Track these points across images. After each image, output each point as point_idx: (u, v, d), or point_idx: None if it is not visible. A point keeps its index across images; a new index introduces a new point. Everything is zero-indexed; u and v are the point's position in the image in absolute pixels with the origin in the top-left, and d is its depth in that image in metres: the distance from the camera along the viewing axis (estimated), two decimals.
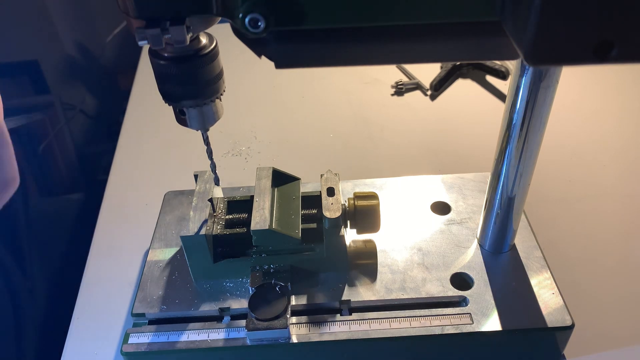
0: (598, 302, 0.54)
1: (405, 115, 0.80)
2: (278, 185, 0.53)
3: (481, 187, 0.60)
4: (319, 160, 0.72)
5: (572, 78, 0.83)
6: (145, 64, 0.93)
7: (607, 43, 0.26)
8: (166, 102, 0.40)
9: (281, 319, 0.45)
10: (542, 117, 0.42)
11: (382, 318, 0.47)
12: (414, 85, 0.84)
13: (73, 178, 1.07)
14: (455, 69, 0.85)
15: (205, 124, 0.42)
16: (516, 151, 0.45)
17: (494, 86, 0.84)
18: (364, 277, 0.51)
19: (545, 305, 0.47)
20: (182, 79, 0.38)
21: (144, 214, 0.65)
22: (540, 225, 0.58)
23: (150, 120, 0.81)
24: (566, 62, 0.28)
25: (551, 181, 0.67)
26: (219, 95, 0.41)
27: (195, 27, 0.34)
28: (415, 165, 0.71)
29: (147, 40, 0.33)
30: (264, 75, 0.88)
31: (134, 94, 0.88)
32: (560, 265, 0.55)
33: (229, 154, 0.74)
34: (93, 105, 1.17)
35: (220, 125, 0.44)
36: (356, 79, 0.87)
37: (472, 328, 0.46)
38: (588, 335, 0.50)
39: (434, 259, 0.52)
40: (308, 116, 0.81)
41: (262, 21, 0.31)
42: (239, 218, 0.52)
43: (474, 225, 0.55)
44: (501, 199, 0.48)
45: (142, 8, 0.33)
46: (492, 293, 0.49)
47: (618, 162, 0.70)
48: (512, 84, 0.42)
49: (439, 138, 0.75)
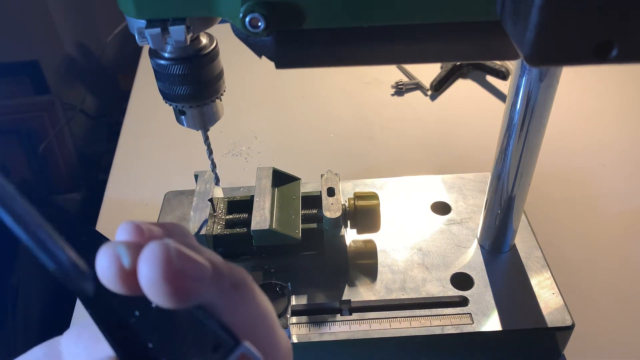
0: (598, 302, 0.54)
1: (405, 115, 0.80)
2: (278, 185, 0.53)
3: (481, 187, 0.60)
4: (319, 160, 0.72)
5: (572, 78, 0.83)
6: (145, 64, 0.93)
7: (607, 43, 0.26)
8: (166, 102, 0.40)
9: (281, 319, 0.45)
10: (542, 117, 0.42)
11: (382, 318, 0.47)
12: (414, 85, 0.84)
13: (73, 178, 1.08)
14: (455, 69, 0.85)
15: (206, 124, 0.42)
16: (516, 151, 0.45)
17: (494, 86, 0.84)
18: (364, 277, 0.51)
19: (545, 305, 0.47)
20: (182, 79, 0.38)
21: (144, 214, 0.65)
22: (540, 225, 0.58)
23: (150, 120, 0.81)
24: (566, 62, 0.28)
25: (551, 181, 0.67)
26: (219, 96, 0.41)
27: (195, 27, 0.34)
28: (415, 165, 0.71)
29: (147, 40, 0.33)
30: (264, 75, 0.88)
31: (134, 94, 0.88)
32: (560, 265, 0.55)
33: (229, 154, 0.74)
34: (93, 105, 1.17)
35: (220, 125, 0.44)
36: (356, 79, 0.87)
37: (472, 328, 0.46)
38: (588, 335, 0.50)
39: (434, 259, 0.52)
40: (308, 116, 0.81)
41: (262, 21, 0.31)
42: (239, 218, 0.52)
43: (474, 225, 0.55)
44: (501, 199, 0.48)
45: (142, 8, 0.33)
46: (492, 293, 0.49)
47: (618, 162, 0.70)
48: (512, 84, 0.42)
49: (439, 138, 0.75)
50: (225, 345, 0.16)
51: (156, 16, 0.33)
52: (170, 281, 0.16)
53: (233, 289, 0.19)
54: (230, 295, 0.18)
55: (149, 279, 0.16)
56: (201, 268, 0.17)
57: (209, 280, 0.17)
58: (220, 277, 0.18)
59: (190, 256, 0.17)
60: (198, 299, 0.17)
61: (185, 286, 0.16)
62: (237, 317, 0.18)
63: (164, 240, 0.17)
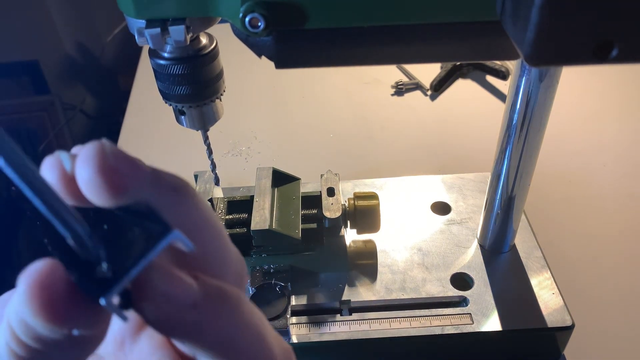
0: (598, 302, 0.54)
1: (405, 115, 0.80)
2: (278, 185, 0.53)
3: (481, 187, 0.60)
4: (319, 160, 0.72)
5: (572, 78, 0.83)
6: (145, 64, 0.93)
7: (607, 43, 0.26)
8: (166, 102, 0.40)
9: (281, 319, 0.45)
10: (542, 117, 0.42)
11: (382, 318, 0.47)
12: (414, 85, 0.84)
13: None
14: (455, 69, 0.85)
15: (205, 124, 0.42)
16: (516, 151, 0.45)
17: (494, 86, 0.84)
18: (364, 277, 0.51)
19: (545, 306, 0.47)
20: (182, 79, 0.38)
21: None
22: (540, 225, 0.58)
23: (150, 120, 0.81)
24: (566, 62, 0.28)
25: (551, 181, 0.67)
26: (219, 96, 0.41)
27: (195, 27, 0.34)
28: (415, 165, 0.71)
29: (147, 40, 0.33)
30: (264, 75, 0.88)
31: (134, 94, 0.88)
32: (560, 265, 0.55)
33: (229, 154, 0.74)
34: (93, 105, 1.17)
35: (220, 125, 0.44)
36: (356, 79, 0.87)
37: (472, 328, 0.46)
38: (588, 335, 0.50)
39: (434, 259, 0.52)
40: (308, 116, 0.81)
41: (262, 21, 0.31)
42: (239, 218, 0.52)
43: (474, 225, 0.55)
44: (501, 199, 0.48)
45: (142, 8, 0.33)
46: (492, 293, 0.49)
47: (618, 162, 0.70)
48: (512, 84, 0.42)
49: (439, 138, 0.75)
50: (155, 234, 0.16)
51: (156, 16, 0.33)
52: (104, 175, 0.16)
53: (171, 191, 0.18)
54: (168, 197, 0.18)
55: (84, 176, 0.16)
56: (137, 165, 0.17)
57: (146, 178, 0.17)
58: (158, 178, 0.18)
59: (126, 154, 0.17)
60: (134, 195, 0.17)
61: (120, 181, 0.16)
62: (177, 220, 0.18)
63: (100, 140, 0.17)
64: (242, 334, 0.18)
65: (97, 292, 0.16)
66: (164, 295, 0.16)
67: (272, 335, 0.20)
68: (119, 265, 0.16)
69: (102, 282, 0.16)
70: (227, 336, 0.18)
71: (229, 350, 0.18)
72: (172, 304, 0.17)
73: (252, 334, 0.18)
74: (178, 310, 0.17)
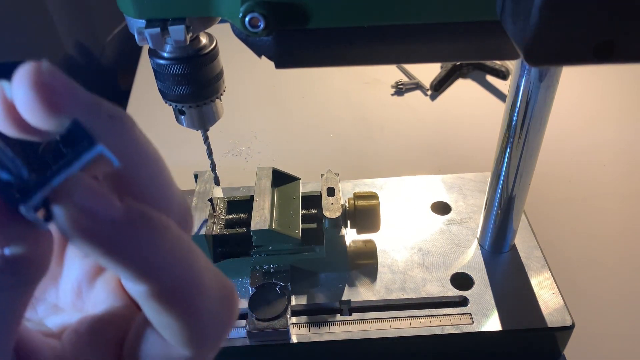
0: (598, 302, 0.54)
1: (405, 115, 0.80)
2: (278, 185, 0.53)
3: (481, 187, 0.60)
4: (319, 160, 0.72)
5: (572, 78, 0.83)
6: (145, 64, 0.93)
7: (607, 43, 0.26)
8: (166, 102, 0.40)
9: (281, 319, 0.45)
10: (542, 117, 0.42)
11: (382, 318, 0.47)
12: (414, 85, 0.84)
13: None
14: (455, 69, 0.85)
15: (205, 124, 0.42)
16: (516, 151, 0.45)
17: (494, 86, 0.84)
18: (364, 277, 0.51)
19: (545, 306, 0.47)
20: (181, 79, 0.38)
21: None
22: (540, 225, 0.58)
23: (150, 120, 0.81)
24: (566, 62, 0.28)
25: (551, 181, 0.67)
26: (219, 95, 0.41)
27: (195, 27, 0.34)
28: (415, 165, 0.71)
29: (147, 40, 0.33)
30: (264, 75, 0.88)
31: (134, 94, 0.88)
32: (560, 265, 0.55)
33: (229, 154, 0.74)
34: None
35: (220, 125, 0.44)
36: (356, 79, 0.87)
37: (472, 328, 0.46)
38: (588, 335, 0.50)
39: (434, 259, 0.52)
40: (308, 116, 0.81)
41: (262, 21, 0.31)
42: (239, 218, 0.52)
43: (474, 225, 0.55)
44: (501, 199, 0.48)
45: (141, 8, 0.33)
46: (492, 293, 0.49)
47: (618, 162, 0.70)
48: (512, 84, 0.42)
49: (439, 138, 0.75)
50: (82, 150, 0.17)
51: (156, 16, 0.33)
52: (39, 91, 0.16)
53: (108, 117, 0.18)
54: (105, 123, 0.18)
55: (20, 94, 0.16)
56: (73, 86, 0.17)
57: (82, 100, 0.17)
58: (95, 104, 0.18)
59: (64, 75, 0.17)
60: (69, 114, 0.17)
61: (56, 99, 0.16)
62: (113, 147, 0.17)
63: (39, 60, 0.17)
64: (163, 259, 0.18)
65: (19, 200, 0.16)
66: (80, 204, 0.16)
67: (206, 268, 0.19)
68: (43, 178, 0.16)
69: (25, 192, 0.16)
70: (145, 257, 0.17)
71: (147, 272, 0.17)
72: (87, 216, 0.16)
73: (175, 260, 0.18)
74: (93, 222, 0.16)
